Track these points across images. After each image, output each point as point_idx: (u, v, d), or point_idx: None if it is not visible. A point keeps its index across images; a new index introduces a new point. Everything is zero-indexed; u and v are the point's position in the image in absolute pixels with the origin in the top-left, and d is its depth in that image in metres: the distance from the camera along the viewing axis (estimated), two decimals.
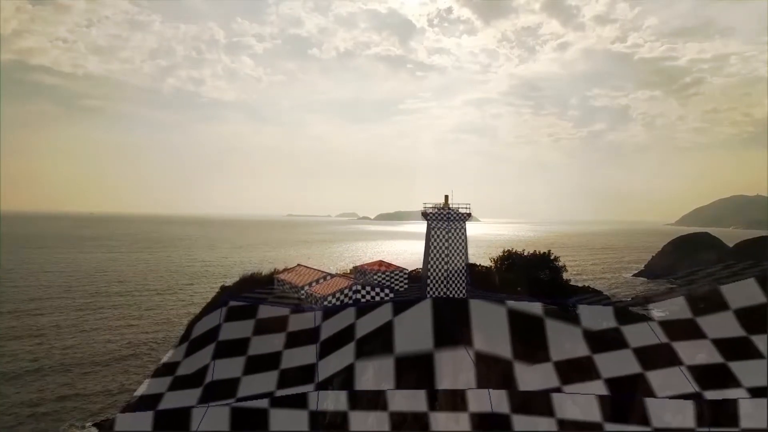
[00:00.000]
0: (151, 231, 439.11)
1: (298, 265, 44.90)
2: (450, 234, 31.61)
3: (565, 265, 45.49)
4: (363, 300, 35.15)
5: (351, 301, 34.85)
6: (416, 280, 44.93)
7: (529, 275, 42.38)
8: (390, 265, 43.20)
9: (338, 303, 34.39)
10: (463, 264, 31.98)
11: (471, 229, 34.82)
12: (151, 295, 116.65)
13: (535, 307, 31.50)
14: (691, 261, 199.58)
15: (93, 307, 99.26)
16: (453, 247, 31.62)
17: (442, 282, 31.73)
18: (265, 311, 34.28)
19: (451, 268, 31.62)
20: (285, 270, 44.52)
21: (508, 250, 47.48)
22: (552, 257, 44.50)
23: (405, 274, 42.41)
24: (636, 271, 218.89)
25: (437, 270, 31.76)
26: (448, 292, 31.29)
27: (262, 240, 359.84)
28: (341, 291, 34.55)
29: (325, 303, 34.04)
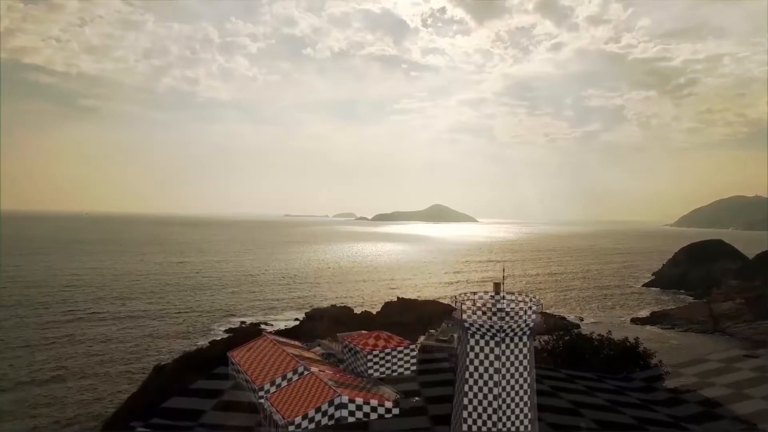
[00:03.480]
0: (147, 233, 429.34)
1: (264, 336, 32.57)
2: (505, 361, 16.46)
3: (661, 362, 30.87)
4: (351, 420, 22.98)
5: (331, 423, 22.65)
6: (426, 349, 32.93)
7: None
8: (390, 338, 30.92)
9: (312, 428, 22.19)
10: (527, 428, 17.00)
11: (470, 229, 21.02)
12: (132, 319, 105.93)
13: None
14: (707, 271, 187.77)
15: (61, 339, 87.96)
16: (511, 391, 16.40)
17: None
18: None
19: None
20: (247, 343, 32.20)
21: (566, 328, 35.14)
22: (640, 348, 30.23)
23: (412, 351, 30.34)
24: (647, 280, 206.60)
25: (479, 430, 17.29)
26: None
27: (255, 244, 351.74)
28: (317, 409, 22.34)
29: (292, 429, 21.86)
